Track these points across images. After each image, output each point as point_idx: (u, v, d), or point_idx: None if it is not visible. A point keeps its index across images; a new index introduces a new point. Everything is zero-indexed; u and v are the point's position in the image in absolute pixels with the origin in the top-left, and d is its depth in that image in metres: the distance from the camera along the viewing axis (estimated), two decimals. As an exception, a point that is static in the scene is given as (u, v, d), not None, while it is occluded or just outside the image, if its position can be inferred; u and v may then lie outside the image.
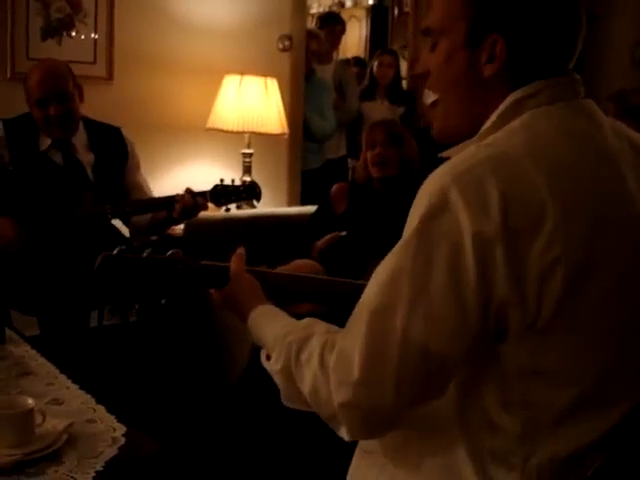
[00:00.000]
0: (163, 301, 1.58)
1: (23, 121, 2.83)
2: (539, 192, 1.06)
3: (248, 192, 2.76)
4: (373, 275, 1.16)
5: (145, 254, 1.52)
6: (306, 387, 1.21)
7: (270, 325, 1.37)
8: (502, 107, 1.19)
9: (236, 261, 1.52)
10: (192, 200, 2.65)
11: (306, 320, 1.32)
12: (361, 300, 1.16)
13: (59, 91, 2.75)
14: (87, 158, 2.89)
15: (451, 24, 1.21)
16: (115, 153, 2.95)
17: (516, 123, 1.16)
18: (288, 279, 1.61)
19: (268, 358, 1.34)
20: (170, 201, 2.70)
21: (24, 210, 2.64)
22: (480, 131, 1.21)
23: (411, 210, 1.14)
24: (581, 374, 1.12)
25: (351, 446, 1.35)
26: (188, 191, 2.67)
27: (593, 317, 1.10)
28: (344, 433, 1.18)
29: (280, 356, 1.27)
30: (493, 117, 1.20)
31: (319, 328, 1.27)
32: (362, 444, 1.37)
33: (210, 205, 2.74)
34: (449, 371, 1.13)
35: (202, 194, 2.69)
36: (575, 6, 1.20)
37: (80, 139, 2.89)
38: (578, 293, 1.07)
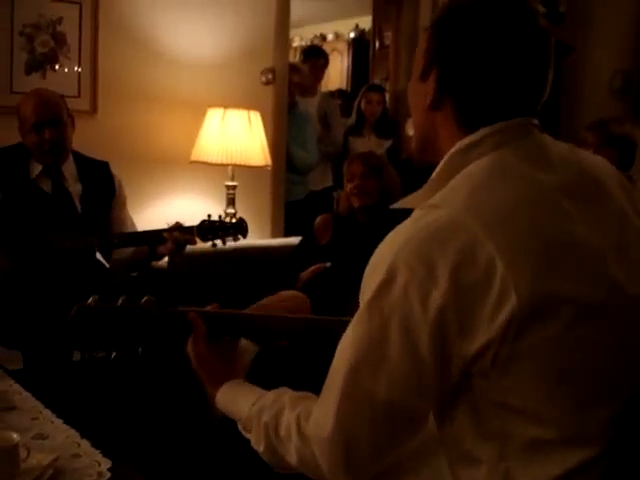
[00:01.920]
0: (140, 349, 1.58)
1: (14, 150, 2.87)
2: (484, 248, 1.07)
3: (235, 228, 2.77)
4: (340, 341, 1.22)
5: (120, 302, 1.52)
6: (293, 460, 1.29)
7: (238, 404, 1.44)
8: (447, 157, 1.24)
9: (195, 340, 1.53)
10: (182, 236, 2.66)
11: (272, 394, 1.39)
12: (331, 369, 1.22)
13: (54, 117, 2.81)
14: (75, 188, 2.92)
15: (417, 60, 1.30)
16: (102, 186, 2.98)
17: (460, 177, 1.19)
18: (261, 320, 1.62)
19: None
20: (157, 235, 2.71)
21: (9, 238, 2.64)
22: (428, 181, 1.27)
23: (364, 278, 1.20)
24: (550, 412, 1.12)
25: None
26: (177, 226, 2.68)
27: (553, 356, 1.10)
28: None
29: (260, 438, 1.35)
30: (440, 165, 1.26)
31: (287, 400, 1.34)
32: None
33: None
34: (419, 418, 1.20)
35: (189, 229, 2.69)
36: (535, 55, 1.22)
37: (69, 169, 2.92)
38: (535, 334, 1.08)
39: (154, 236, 2.74)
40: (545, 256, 1.09)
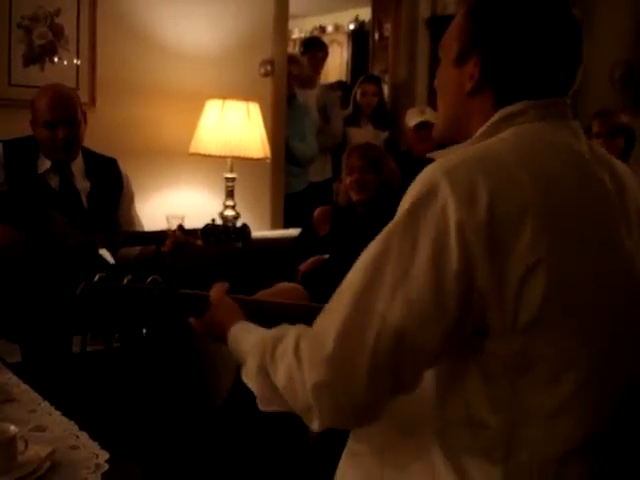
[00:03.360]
0: (144, 330, 1.59)
1: (23, 143, 2.87)
2: (525, 194, 1.10)
3: (238, 233, 2.78)
4: (358, 259, 1.19)
5: (125, 281, 1.53)
6: (281, 380, 1.22)
7: (247, 337, 1.39)
8: (494, 118, 1.25)
9: (217, 288, 1.54)
10: (183, 237, 2.67)
11: (282, 325, 1.33)
12: (344, 283, 1.19)
13: (68, 115, 2.81)
14: (83, 185, 2.92)
15: (449, 44, 1.31)
16: (110, 183, 2.99)
17: (506, 134, 1.22)
18: (268, 306, 1.62)
19: None
20: (161, 236, 2.73)
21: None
22: (472, 138, 1.27)
23: (402, 199, 1.18)
24: (563, 376, 1.14)
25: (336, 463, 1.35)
26: (180, 228, 2.69)
27: (572, 322, 1.12)
28: (315, 422, 1.18)
29: (255, 357, 1.29)
30: (485, 126, 1.26)
31: (295, 328, 1.28)
32: (350, 447, 1.38)
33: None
34: (421, 362, 1.15)
35: (193, 232, 2.71)
36: (567, 42, 1.26)
37: (78, 166, 2.92)
38: (558, 298, 1.10)
39: (158, 236, 2.75)
40: (579, 226, 1.13)
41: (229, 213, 3.99)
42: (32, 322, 2.63)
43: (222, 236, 2.74)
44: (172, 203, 3.97)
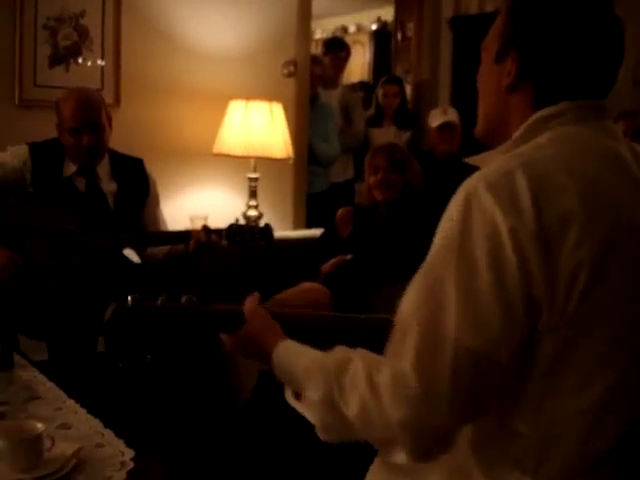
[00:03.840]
0: (177, 351, 1.52)
1: (49, 146, 2.87)
2: (568, 195, 1.10)
3: (261, 234, 2.80)
4: (409, 289, 1.17)
5: (159, 302, 1.43)
6: (353, 410, 1.17)
7: (299, 360, 1.32)
8: (530, 120, 1.25)
9: (250, 302, 1.48)
10: (206, 237, 2.69)
11: (339, 348, 1.28)
12: (402, 318, 1.16)
13: (93, 122, 2.81)
14: (110, 187, 2.92)
15: (490, 43, 1.31)
16: (137, 184, 2.99)
17: (542, 139, 1.21)
18: (299, 318, 1.57)
19: (297, 396, 1.32)
20: (185, 235, 2.76)
21: (38, 233, 2.66)
22: (508, 142, 1.26)
23: (444, 216, 1.16)
24: (600, 376, 1.13)
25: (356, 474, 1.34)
26: (204, 228, 2.71)
27: (611, 320, 1.12)
28: (400, 454, 1.15)
29: (318, 385, 1.24)
30: (521, 129, 1.25)
31: (354, 353, 1.24)
32: (382, 458, 1.36)
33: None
34: (499, 377, 1.12)
35: (217, 232, 2.73)
36: (608, 42, 1.24)
37: (104, 168, 2.92)
38: (596, 300, 1.10)
39: (182, 236, 2.77)
40: (620, 227, 1.13)
41: (252, 213, 4.00)
42: (58, 321, 2.65)
43: (246, 236, 2.75)
44: (195, 203, 3.99)
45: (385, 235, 3.17)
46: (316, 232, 3.62)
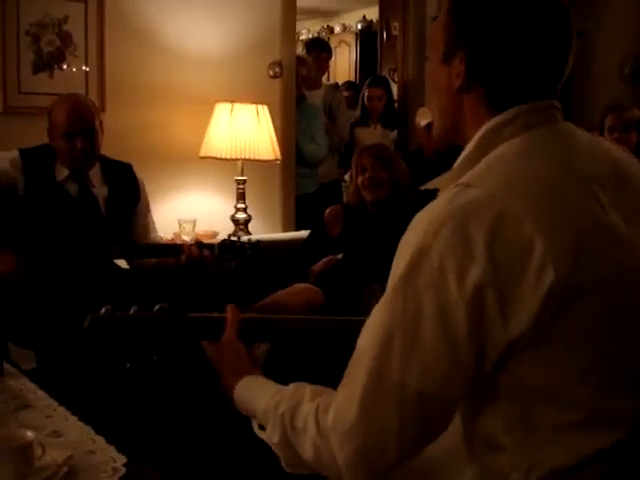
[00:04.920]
0: (155, 357, 1.57)
1: (40, 151, 2.87)
2: (523, 226, 1.06)
3: (253, 250, 2.80)
4: (366, 324, 1.17)
5: (132, 311, 1.50)
6: (308, 454, 1.21)
7: (258, 397, 1.36)
8: (478, 135, 1.23)
9: (232, 309, 1.50)
10: (198, 252, 2.69)
11: (292, 386, 1.31)
12: (355, 352, 1.17)
13: (87, 126, 2.81)
14: (102, 192, 2.93)
15: (435, 42, 1.28)
16: (128, 189, 3.01)
17: (492, 157, 1.18)
18: (277, 323, 1.60)
19: (261, 427, 1.35)
20: (178, 249, 2.78)
21: (31, 239, 2.65)
22: (458, 161, 1.25)
23: (395, 258, 1.15)
24: (577, 393, 1.12)
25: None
26: (196, 243, 2.71)
27: (585, 338, 1.10)
28: None
29: (275, 429, 1.27)
30: (470, 147, 1.24)
31: (307, 393, 1.26)
32: None
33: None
34: (449, 409, 1.14)
35: (209, 246, 2.73)
36: (557, 33, 1.21)
37: (95, 173, 2.93)
38: (570, 315, 1.08)
39: (174, 250, 2.80)
40: (581, 242, 1.09)
41: (241, 216, 3.99)
42: (47, 329, 2.63)
43: (237, 252, 2.77)
44: (183, 207, 3.98)
45: (375, 234, 3.17)
46: (306, 234, 3.61)
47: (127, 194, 3.00)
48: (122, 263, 2.94)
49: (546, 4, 1.20)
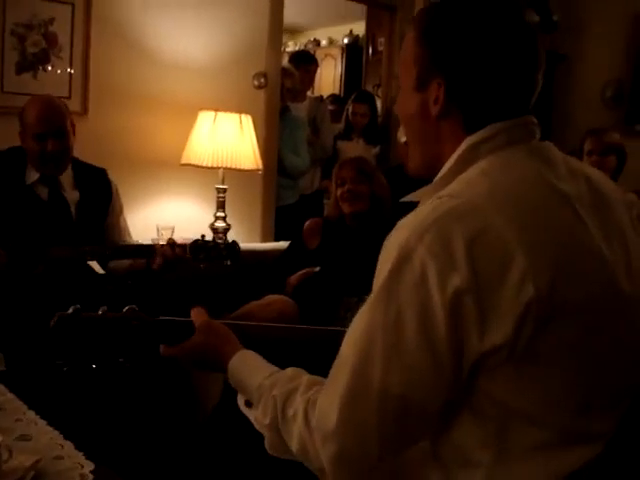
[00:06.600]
0: (121, 359, 1.56)
1: (10, 154, 2.85)
2: (504, 238, 1.07)
3: (228, 251, 2.75)
4: (349, 329, 1.17)
5: (100, 312, 1.49)
6: (294, 444, 1.22)
7: (253, 373, 1.36)
8: (458, 152, 1.23)
9: (198, 314, 1.50)
10: (172, 252, 2.65)
11: (290, 371, 1.32)
12: (338, 356, 1.17)
13: (57, 127, 2.79)
14: (72, 196, 2.90)
15: (406, 70, 1.28)
16: (99, 193, 2.98)
17: (473, 172, 1.19)
18: (251, 329, 1.60)
19: (247, 404, 1.35)
20: (150, 250, 2.72)
21: (1, 243, 2.63)
22: (438, 176, 1.25)
23: (378, 264, 1.16)
24: (554, 413, 1.13)
25: None
26: (169, 243, 2.67)
27: (563, 358, 1.11)
28: None
29: (267, 410, 1.28)
30: (450, 162, 1.24)
31: (303, 381, 1.27)
32: None
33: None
34: (431, 415, 1.14)
35: (183, 247, 2.69)
36: (526, 50, 1.23)
37: (67, 176, 2.91)
38: (548, 334, 1.08)
39: (147, 250, 2.74)
40: (562, 260, 1.10)
41: (220, 224, 3.98)
42: (17, 332, 2.61)
43: (212, 253, 2.72)
44: (163, 213, 3.97)
45: (352, 247, 3.17)
46: (284, 244, 3.61)
47: (99, 198, 2.98)
48: (97, 268, 2.92)
49: (513, 24, 1.22)
